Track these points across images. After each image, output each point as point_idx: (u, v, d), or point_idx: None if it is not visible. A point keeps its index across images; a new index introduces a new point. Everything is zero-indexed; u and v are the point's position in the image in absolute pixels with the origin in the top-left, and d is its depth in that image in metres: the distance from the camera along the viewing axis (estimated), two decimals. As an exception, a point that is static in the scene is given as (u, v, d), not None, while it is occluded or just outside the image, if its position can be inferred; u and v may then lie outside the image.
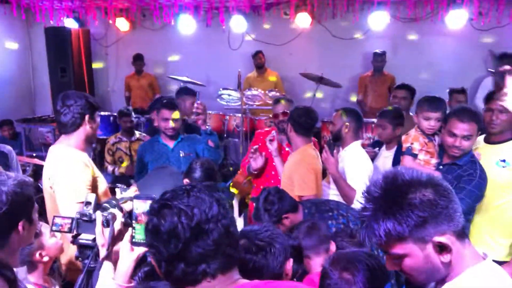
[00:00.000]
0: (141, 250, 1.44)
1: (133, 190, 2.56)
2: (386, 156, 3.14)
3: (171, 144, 3.15)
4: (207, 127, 3.01)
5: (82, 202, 2.07)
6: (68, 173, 2.14)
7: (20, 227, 1.39)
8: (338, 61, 6.03)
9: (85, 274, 1.50)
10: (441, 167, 2.45)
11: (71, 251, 2.23)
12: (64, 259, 2.31)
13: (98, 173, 2.31)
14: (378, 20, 5.77)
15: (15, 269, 1.42)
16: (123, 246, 1.44)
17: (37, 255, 1.82)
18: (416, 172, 1.07)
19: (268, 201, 2.29)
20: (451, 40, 5.81)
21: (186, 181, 2.75)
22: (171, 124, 3.04)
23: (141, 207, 1.41)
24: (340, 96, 6.17)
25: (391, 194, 1.04)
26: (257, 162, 3.22)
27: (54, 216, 1.55)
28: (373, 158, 3.20)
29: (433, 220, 1.01)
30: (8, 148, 3.46)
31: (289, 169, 2.91)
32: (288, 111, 3.22)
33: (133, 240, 1.44)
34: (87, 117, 2.22)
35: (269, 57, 6.20)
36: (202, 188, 1.11)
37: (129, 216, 1.52)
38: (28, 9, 6.59)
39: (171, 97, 3.34)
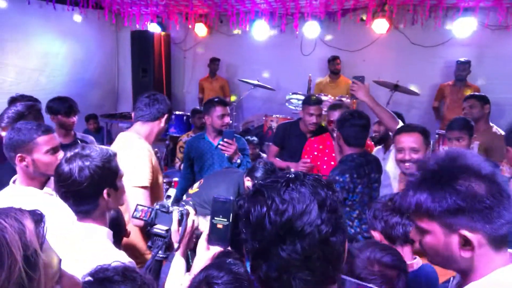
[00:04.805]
0: (217, 249, 1.47)
1: (196, 185, 2.65)
2: None
3: (215, 142, 3.24)
4: (238, 160, 3.13)
5: (144, 187, 2.22)
6: (134, 158, 2.25)
7: (105, 195, 1.53)
8: (415, 69, 5.73)
9: (153, 262, 1.57)
10: None
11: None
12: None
13: (156, 164, 2.40)
14: (464, 27, 5.39)
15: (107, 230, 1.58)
16: (199, 244, 1.48)
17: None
18: (483, 163, 1.00)
19: None
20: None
21: (247, 179, 2.78)
22: (228, 119, 3.19)
23: (219, 207, 1.43)
24: (416, 106, 5.85)
25: (442, 172, 1.01)
26: None
27: (137, 204, 1.65)
28: None
29: (470, 213, 0.96)
30: (90, 138, 3.73)
31: None
32: None
33: (210, 239, 1.47)
34: (166, 116, 2.45)
35: (341, 63, 6.08)
36: (307, 182, 0.91)
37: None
38: (118, 14, 7.15)
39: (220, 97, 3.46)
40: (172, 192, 1.65)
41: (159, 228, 1.58)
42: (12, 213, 0.79)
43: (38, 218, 0.82)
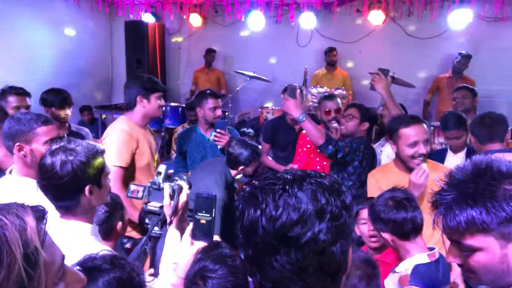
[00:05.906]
0: (201, 244, 1.46)
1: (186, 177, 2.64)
2: (456, 160, 2.97)
3: (207, 134, 3.26)
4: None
5: (121, 167, 2.47)
6: (114, 138, 2.54)
7: (86, 192, 1.49)
8: (411, 61, 5.73)
9: (149, 238, 1.59)
10: None
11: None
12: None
13: (143, 149, 2.63)
14: (459, 19, 5.38)
15: (91, 226, 1.56)
16: (184, 240, 1.48)
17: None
18: None
19: None
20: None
21: (235, 171, 2.78)
22: (219, 112, 3.20)
23: (202, 203, 1.44)
24: (411, 98, 5.85)
25: (484, 181, 0.93)
26: None
27: (130, 183, 1.66)
28: None
29: None
30: (85, 130, 3.71)
31: None
32: (340, 108, 3.33)
33: (193, 234, 1.47)
34: (138, 97, 2.63)
35: (337, 54, 6.07)
36: (307, 186, 0.83)
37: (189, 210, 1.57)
38: (112, 4, 7.05)
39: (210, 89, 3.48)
40: (162, 168, 1.63)
41: (153, 205, 1.59)
42: (14, 209, 0.77)
43: (40, 214, 0.80)
